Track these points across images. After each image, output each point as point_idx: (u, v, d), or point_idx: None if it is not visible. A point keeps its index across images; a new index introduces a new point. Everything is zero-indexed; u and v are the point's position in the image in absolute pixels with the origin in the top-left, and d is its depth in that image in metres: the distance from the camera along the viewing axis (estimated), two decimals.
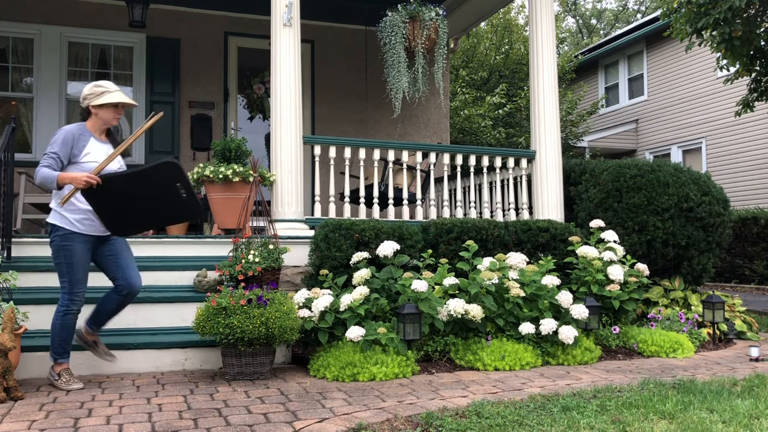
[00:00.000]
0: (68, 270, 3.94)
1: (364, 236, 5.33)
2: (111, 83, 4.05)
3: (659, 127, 16.48)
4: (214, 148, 5.92)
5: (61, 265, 3.95)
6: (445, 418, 3.16)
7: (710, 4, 7.91)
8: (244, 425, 3.17)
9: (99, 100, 3.96)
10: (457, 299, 4.77)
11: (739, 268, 12.00)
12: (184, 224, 7.16)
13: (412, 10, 6.75)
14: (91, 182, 3.75)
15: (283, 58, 5.88)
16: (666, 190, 6.20)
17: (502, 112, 15.43)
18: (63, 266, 3.94)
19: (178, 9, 8.65)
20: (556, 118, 6.75)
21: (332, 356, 4.44)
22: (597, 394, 3.71)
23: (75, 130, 3.95)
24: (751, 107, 9.27)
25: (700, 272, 6.43)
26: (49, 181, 3.77)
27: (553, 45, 6.81)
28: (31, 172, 7.13)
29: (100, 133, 4.06)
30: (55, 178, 3.75)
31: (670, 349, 5.19)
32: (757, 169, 14.02)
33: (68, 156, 3.87)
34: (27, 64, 8.20)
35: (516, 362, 4.63)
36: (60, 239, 3.90)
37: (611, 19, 32.34)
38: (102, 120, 4.01)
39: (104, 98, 3.96)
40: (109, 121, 4.04)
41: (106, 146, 4.06)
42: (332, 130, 9.11)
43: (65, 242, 3.90)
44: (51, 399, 3.71)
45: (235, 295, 4.31)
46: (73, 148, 3.89)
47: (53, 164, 3.82)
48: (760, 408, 3.30)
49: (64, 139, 3.86)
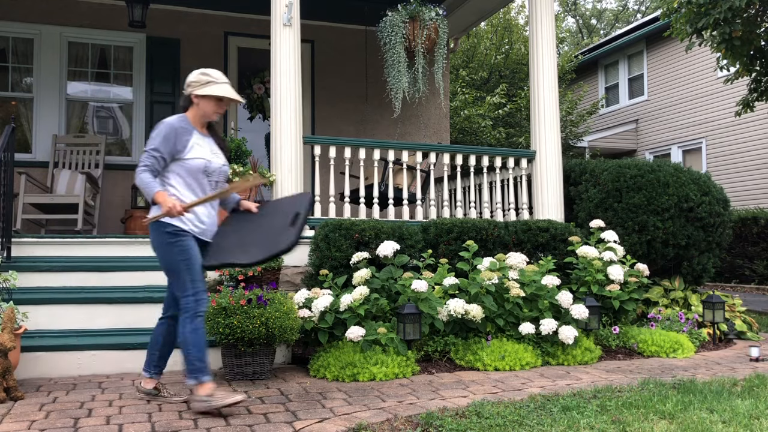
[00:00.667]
0: (187, 267, 3.46)
1: (364, 236, 5.33)
2: (220, 74, 3.66)
3: (659, 127, 16.48)
4: None
5: (177, 264, 3.47)
6: (445, 418, 3.16)
7: (710, 4, 7.90)
8: (244, 425, 3.17)
9: (202, 89, 3.59)
10: (457, 299, 4.77)
11: (739, 268, 12.00)
12: None
13: (412, 10, 6.75)
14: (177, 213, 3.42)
15: (283, 58, 5.87)
16: (666, 190, 6.20)
17: (502, 112, 15.43)
18: (180, 264, 3.46)
19: (178, 9, 8.65)
20: (556, 118, 6.74)
21: (332, 356, 4.44)
22: (597, 394, 3.71)
23: (176, 123, 3.56)
24: (751, 107, 9.27)
25: (700, 272, 6.43)
26: (147, 192, 3.45)
27: (553, 45, 6.81)
28: (31, 172, 7.14)
29: (201, 126, 3.68)
30: (153, 193, 3.42)
31: (670, 349, 5.19)
32: (757, 169, 14.02)
33: (171, 153, 3.50)
34: (27, 64, 8.20)
35: (516, 362, 4.63)
36: (169, 236, 3.47)
37: (611, 19, 32.34)
38: (202, 112, 3.63)
39: (208, 89, 3.58)
40: (209, 115, 3.66)
41: (208, 141, 3.70)
42: (332, 130, 9.10)
43: (176, 238, 3.47)
44: (51, 399, 3.71)
45: (235, 295, 4.31)
46: (176, 143, 3.50)
47: (155, 164, 3.47)
48: (760, 408, 3.29)
49: (165, 135, 3.49)
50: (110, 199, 8.20)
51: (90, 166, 7.85)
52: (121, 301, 4.84)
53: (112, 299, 4.83)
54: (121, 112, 8.58)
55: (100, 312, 4.80)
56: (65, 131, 8.19)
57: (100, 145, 7.91)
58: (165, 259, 3.50)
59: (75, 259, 5.32)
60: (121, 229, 8.04)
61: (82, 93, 8.40)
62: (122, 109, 8.57)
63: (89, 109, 8.49)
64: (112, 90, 8.56)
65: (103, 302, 4.81)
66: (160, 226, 3.47)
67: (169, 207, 3.38)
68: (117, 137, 8.56)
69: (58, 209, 6.96)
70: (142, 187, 3.45)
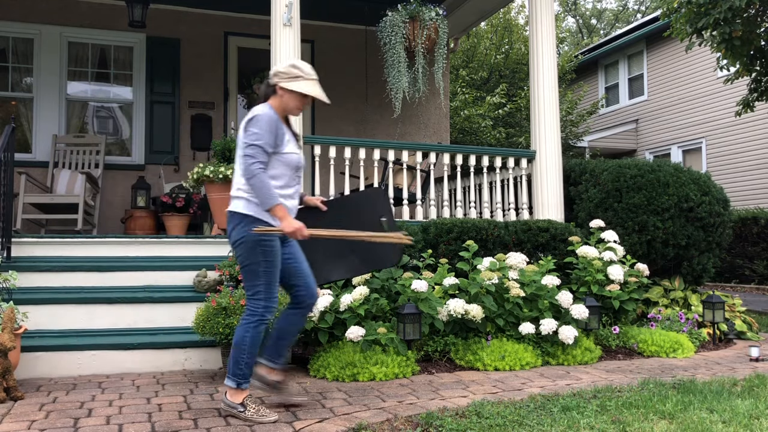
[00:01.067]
0: (266, 270, 3.29)
1: None
2: (310, 68, 3.47)
3: (659, 127, 16.48)
4: (214, 148, 5.92)
5: (257, 265, 3.27)
6: (445, 418, 3.16)
7: (710, 4, 7.90)
8: (244, 425, 3.17)
9: (291, 83, 3.39)
10: (457, 299, 4.77)
11: (739, 268, 12.00)
12: (184, 224, 7.17)
13: (412, 10, 6.75)
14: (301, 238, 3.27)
15: (283, 58, 5.87)
16: (666, 190, 6.20)
17: (502, 112, 15.43)
18: (260, 265, 3.27)
19: (178, 9, 8.65)
20: (556, 118, 6.74)
21: (332, 356, 4.44)
22: (597, 394, 3.71)
23: (273, 114, 3.33)
24: (751, 107, 9.26)
25: (700, 272, 6.43)
26: (264, 198, 3.20)
27: (553, 45, 6.81)
28: (31, 172, 7.14)
29: (282, 118, 3.46)
30: (273, 205, 3.20)
31: (670, 349, 5.18)
32: (757, 169, 14.02)
33: (272, 147, 3.29)
34: (27, 64, 8.20)
35: (516, 362, 4.63)
36: (257, 234, 3.25)
37: (611, 19, 32.34)
38: (285, 105, 3.42)
39: (297, 84, 3.39)
40: (291, 110, 3.45)
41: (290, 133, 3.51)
42: (332, 130, 9.11)
43: (263, 237, 3.27)
44: (51, 399, 3.71)
45: (235, 295, 4.31)
46: (277, 136, 3.30)
47: (264, 160, 3.25)
48: (760, 408, 3.29)
49: (269, 126, 3.27)
50: (110, 199, 8.20)
51: (90, 166, 7.85)
52: (121, 301, 4.84)
53: (112, 299, 4.83)
54: (121, 112, 8.58)
55: (100, 312, 4.80)
56: (65, 131, 8.19)
57: (100, 145, 7.92)
58: (246, 257, 3.28)
59: (75, 259, 5.32)
60: (121, 229, 8.04)
61: (82, 93, 8.40)
62: (122, 109, 8.58)
63: (89, 109, 8.49)
64: (112, 90, 8.57)
65: (103, 302, 4.82)
66: (250, 223, 3.26)
67: (293, 230, 3.22)
68: (117, 137, 8.57)
69: (58, 209, 6.96)
70: (260, 190, 3.19)
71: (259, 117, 3.29)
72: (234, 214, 3.32)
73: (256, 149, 3.23)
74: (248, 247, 3.27)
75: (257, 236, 3.25)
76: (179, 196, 7.11)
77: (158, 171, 8.35)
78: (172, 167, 8.49)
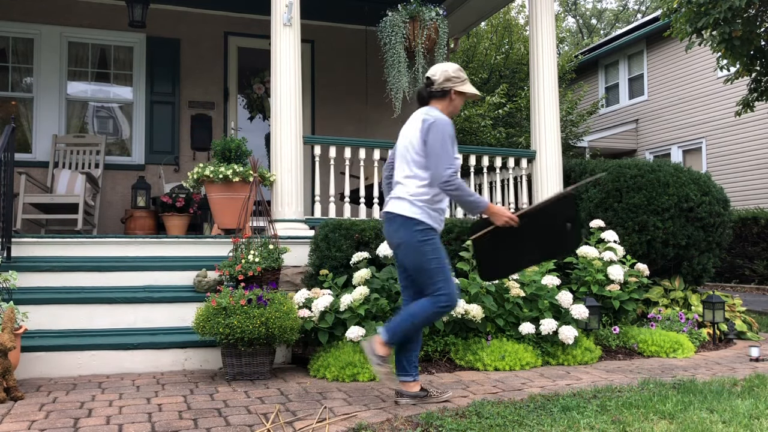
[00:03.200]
0: (439, 265, 3.36)
1: (364, 236, 5.33)
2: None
3: (659, 127, 16.48)
4: (214, 148, 5.92)
5: (429, 262, 3.35)
6: (445, 418, 3.16)
7: (710, 4, 7.91)
8: (244, 425, 3.17)
9: (463, 87, 3.50)
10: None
11: (739, 268, 12.00)
12: (184, 224, 7.17)
13: (412, 10, 6.75)
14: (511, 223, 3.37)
15: (283, 58, 5.87)
16: (666, 190, 6.20)
17: (502, 112, 15.43)
18: (432, 262, 3.35)
19: (178, 9, 8.65)
20: (556, 118, 6.75)
21: (332, 356, 4.44)
22: (597, 394, 3.71)
23: (448, 120, 3.42)
24: (751, 107, 9.27)
25: (700, 272, 6.43)
26: (474, 204, 3.34)
27: (553, 45, 6.81)
28: (31, 172, 7.15)
29: None
30: (485, 206, 3.34)
31: (670, 349, 5.18)
32: (757, 169, 14.02)
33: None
34: (27, 64, 8.20)
35: (516, 362, 4.63)
36: (422, 234, 3.35)
37: (611, 19, 32.34)
38: (453, 109, 3.53)
39: (467, 87, 3.52)
40: (455, 113, 3.56)
41: None
42: (332, 130, 9.10)
43: (429, 237, 3.37)
44: (51, 399, 3.71)
45: (235, 295, 4.31)
46: (454, 141, 3.40)
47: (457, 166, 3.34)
48: (760, 408, 3.29)
49: (452, 132, 3.35)
50: (110, 199, 8.20)
51: (90, 166, 7.85)
52: (121, 301, 4.84)
53: (112, 299, 4.83)
54: (121, 112, 8.58)
55: (100, 312, 4.80)
56: (65, 131, 8.19)
57: (100, 145, 7.92)
58: (416, 258, 3.36)
59: (75, 259, 5.32)
60: (121, 229, 8.04)
61: (82, 93, 8.41)
62: (122, 109, 8.58)
63: (89, 109, 8.49)
64: (112, 90, 8.56)
65: (103, 302, 4.82)
66: (412, 224, 3.35)
67: (506, 219, 3.38)
68: (117, 137, 8.57)
69: (58, 209, 6.96)
70: (467, 199, 3.32)
71: (443, 124, 3.35)
72: (396, 217, 3.41)
73: (453, 159, 3.31)
74: (415, 248, 3.36)
75: (421, 236, 3.35)
76: (179, 196, 7.11)
77: (158, 171, 8.35)
78: (172, 167, 8.49)
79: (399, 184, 3.49)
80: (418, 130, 3.41)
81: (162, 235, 6.94)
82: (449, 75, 3.50)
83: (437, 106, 3.52)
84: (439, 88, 3.50)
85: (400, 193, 3.45)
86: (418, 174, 3.42)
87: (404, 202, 3.40)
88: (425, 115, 3.43)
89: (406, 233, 3.38)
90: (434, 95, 3.53)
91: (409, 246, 3.38)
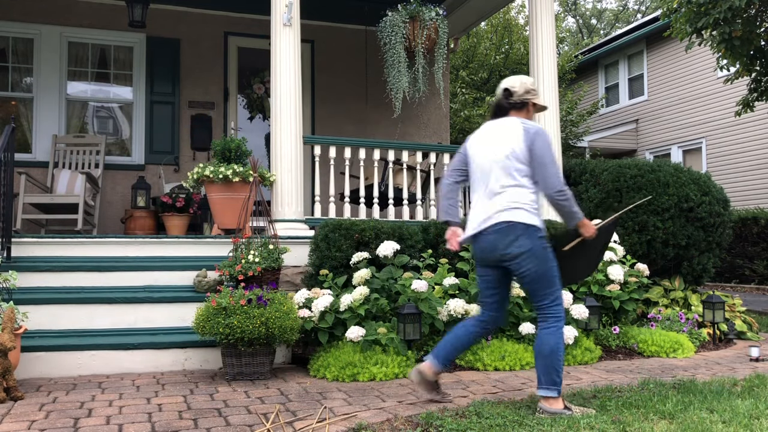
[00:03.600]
0: (555, 275, 3.37)
1: (364, 236, 5.33)
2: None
3: (659, 127, 16.48)
4: (214, 148, 5.92)
5: (551, 269, 3.35)
6: (445, 418, 3.16)
7: (710, 3, 7.90)
8: (244, 425, 3.17)
9: (537, 99, 3.61)
10: (457, 299, 4.77)
11: (739, 268, 12.00)
12: (184, 224, 7.17)
13: (412, 10, 6.75)
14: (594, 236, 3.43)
15: (283, 58, 5.87)
16: (666, 190, 6.20)
17: None
18: (553, 269, 3.35)
19: (178, 9, 8.65)
20: (556, 118, 6.74)
21: (332, 356, 4.44)
22: (597, 394, 3.71)
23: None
24: (751, 107, 9.26)
25: (700, 272, 6.43)
26: (577, 217, 3.40)
27: (553, 45, 6.81)
28: (31, 172, 7.15)
29: None
30: (582, 218, 3.42)
31: (670, 349, 5.18)
32: (757, 169, 14.02)
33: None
34: (27, 64, 8.20)
35: (516, 362, 4.63)
36: (543, 241, 3.35)
37: (611, 19, 32.34)
38: (529, 119, 3.57)
39: (540, 100, 3.67)
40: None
41: None
42: (332, 130, 9.10)
43: (546, 244, 3.37)
44: (51, 399, 3.71)
45: (235, 295, 4.31)
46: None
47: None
48: (760, 408, 3.29)
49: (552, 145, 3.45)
50: (110, 199, 8.20)
51: (90, 166, 7.85)
52: (121, 301, 4.84)
53: (112, 299, 4.83)
54: (121, 112, 8.58)
55: (100, 312, 4.80)
56: (65, 131, 8.19)
57: (100, 145, 7.92)
58: (542, 265, 3.32)
59: (75, 259, 5.32)
60: (121, 229, 8.04)
61: (82, 93, 8.40)
62: (122, 109, 8.57)
63: (89, 109, 8.49)
64: (112, 90, 8.56)
65: (103, 302, 4.82)
66: (535, 232, 3.33)
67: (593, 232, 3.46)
68: (117, 137, 8.57)
69: (58, 209, 6.96)
70: (573, 209, 3.37)
71: (545, 133, 3.43)
72: (515, 225, 3.32)
73: (557, 168, 3.34)
74: (542, 255, 3.33)
75: (544, 243, 3.34)
76: (179, 196, 7.11)
77: (158, 171, 8.35)
78: (172, 167, 8.48)
79: (498, 194, 3.40)
80: (520, 139, 3.38)
81: (162, 235, 6.95)
82: (528, 87, 3.55)
83: (522, 116, 3.54)
84: (519, 99, 3.53)
85: (507, 202, 3.37)
86: (523, 183, 3.38)
87: (521, 211, 3.34)
88: (524, 123, 3.43)
89: (531, 241, 3.31)
90: (515, 106, 3.55)
91: (535, 254, 3.31)
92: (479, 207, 3.47)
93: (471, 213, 3.54)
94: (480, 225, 3.42)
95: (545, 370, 3.28)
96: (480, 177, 3.49)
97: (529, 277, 3.34)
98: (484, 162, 3.47)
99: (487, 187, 3.44)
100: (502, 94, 3.58)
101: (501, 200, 3.37)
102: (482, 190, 3.47)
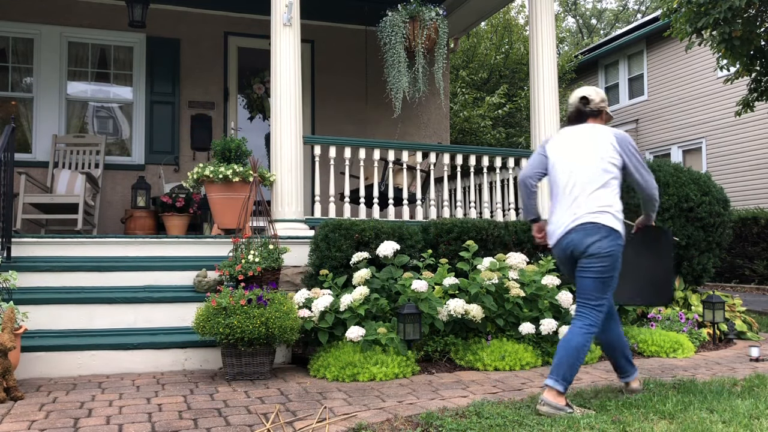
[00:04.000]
0: (613, 286, 3.49)
1: (364, 236, 5.33)
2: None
3: (659, 127, 16.48)
4: (214, 148, 5.91)
5: (613, 278, 3.46)
6: (445, 418, 3.16)
7: (710, 4, 7.90)
8: (244, 425, 3.17)
9: (608, 108, 3.81)
10: (457, 299, 4.76)
11: (739, 268, 12.00)
12: (184, 224, 7.17)
13: (412, 10, 6.75)
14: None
15: (283, 58, 5.87)
16: (666, 190, 6.20)
17: (502, 112, 15.43)
18: (615, 279, 3.47)
19: (178, 9, 8.65)
20: (556, 118, 6.74)
21: (332, 356, 4.44)
22: (597, 394, 3.71)
23: None
24: (751, 107, 9.27)
25: (700, 272, 6.43)
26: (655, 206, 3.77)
27: (553, 45, 6.81)
28: (31, 172, 7.14)
29: None
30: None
31: (670, 349, 5.18)
32: (757, 169, 14.01)
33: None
34: (27, 64, 8.20)
35: (516, 362, 4.63)
36: (620, 248, 3.46)
37: (611, 19, 32.33)
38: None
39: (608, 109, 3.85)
40: None
41: None
42: (332, 130, 9.10)
43: (620, 251, 3.48)
44: (51, 399, 3.71)
45: (235, 295, 4.31)
46: None
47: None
48: (760, 408, 3.29)
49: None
50: (110, 199, 8.20)
51: (90, 166, 7.85)
52: (121, 301, 4.84)
53: (112, 299, 4.83)
54: (121, 112, 8.58)
55: (100, 312, 4.80)
56: (65, 131, 8.19)
57: (100, 145, 7.92)
58: (610, 269, 3.43)
59: (75, 259, 5.32)
60: (121, 229, 8.04)
61: (82, 93, 8.40)
62: (122, 109, 8.57)
63: (89, 109, 8.49)
64: (112, 90, 8.56)
65: (103, 302, 4.82)
66: (617, 237, 3.44)
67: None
68: (117, 137, 8.57)
69: (58, 209, 6.96)
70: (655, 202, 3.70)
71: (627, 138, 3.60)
72: (602, 227, 3.43)
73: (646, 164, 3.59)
74: (613, 260, 3.42)
75: (620, 251, 3.46)
76: (179, 196, 7.11)
77: (158, 171, 8.35)
78: (172, 167, 8.48)
79: (588, 196, 3.49)
80: (610, 145, 3.52)
81: (162, 235, 6.94)
82: (603, 96, 3.75)
83: (599, 123, 3.73)
84: (596, 107, 3.71)
85: (597, 206, 3.47)
86: (614, 187, 3.52)
87: (609, 216, 3.46)
88: (612, 130, 3.59)
89: (611, 244, 3.42)
90: (593, 114, 3.71)
91: (611, 256, 3.42)
92: (565, 209, 3.56)
93: (555, 216, 3.62)
94: (568, 226, 3.51)
95: (562, 362, 3.32)
96: (567, 180, 3.57)
97: (593, 277, 3.43)
98: (573, 166, 3.56)
99: (574, 189, 3.52)
100: (579, 102, 3.73)
101: (590, 203, 3.47)
102: (569, 193, 3.55)
